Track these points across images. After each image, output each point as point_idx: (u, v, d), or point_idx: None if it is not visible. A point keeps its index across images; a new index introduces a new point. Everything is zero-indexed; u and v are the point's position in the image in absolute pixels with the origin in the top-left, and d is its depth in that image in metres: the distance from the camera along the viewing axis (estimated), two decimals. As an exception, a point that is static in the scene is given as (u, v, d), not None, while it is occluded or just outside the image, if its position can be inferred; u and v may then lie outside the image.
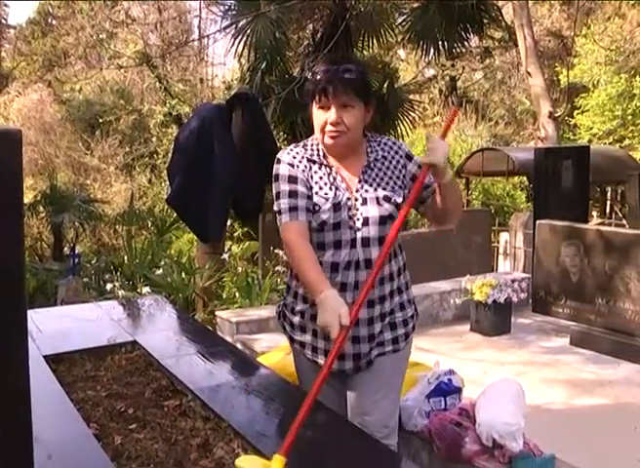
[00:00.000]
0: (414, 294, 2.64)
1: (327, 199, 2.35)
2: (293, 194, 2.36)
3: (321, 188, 2.38)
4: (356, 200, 2.36)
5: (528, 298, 6.06)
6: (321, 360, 2.49)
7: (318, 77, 2.35)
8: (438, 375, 3.41)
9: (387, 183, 2.39)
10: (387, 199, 2.36)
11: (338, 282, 2.35)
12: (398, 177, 2.42)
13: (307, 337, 2.53)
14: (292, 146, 2.51)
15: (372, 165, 2.41)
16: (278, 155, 2.47)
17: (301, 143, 2.51)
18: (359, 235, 2.34)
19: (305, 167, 2.41)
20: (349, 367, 2.48)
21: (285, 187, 2.38)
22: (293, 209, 2.35)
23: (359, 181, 2.39)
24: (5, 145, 1.28)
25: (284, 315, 2.65)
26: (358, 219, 2.35)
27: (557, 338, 5.65)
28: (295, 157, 2.43)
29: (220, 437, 2.19)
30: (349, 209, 2.35)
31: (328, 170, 2.41)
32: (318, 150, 2.45)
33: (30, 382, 1.38)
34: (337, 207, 2.34)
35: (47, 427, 2.07)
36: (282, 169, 2.41)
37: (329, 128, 2.33)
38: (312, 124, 2.43)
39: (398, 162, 2.43)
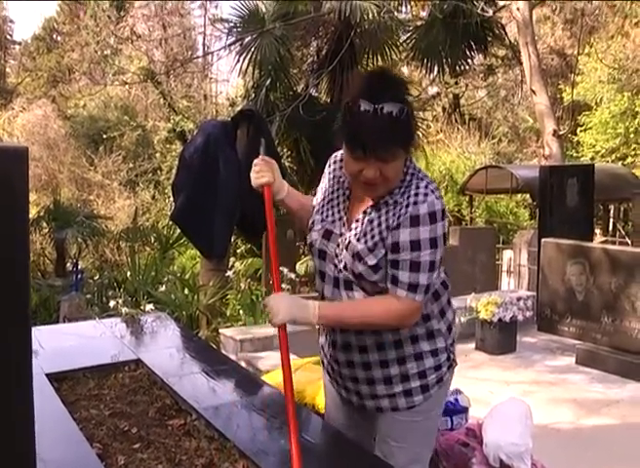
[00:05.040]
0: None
1: (323, 219, 2.20)
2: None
3: (329, 203, 2.23)
4: (345, 240, 2.11)
5: (533, 317, 6.03)
6: (326, 376, 2.45)
7: (353, 119, 1.92)
8: (444, 395, 3.37)
9: (372, 237, 2.05)
10: (360, 258, 2.05)
11: None
12: (386, 236, 2.04)
13: (321, 353, 2.43)
14: None
15: (378, 206, 2.07)
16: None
17: None
18: (341, 276, 2.13)
19: (336, 175, 2.27)
20: (355, 400, 2.33)
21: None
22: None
23: (356, 221, 2.11)
24: (12, 162, 1.27)
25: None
26: (340, 262, 2.12)
27: (563, 357, 5.62)
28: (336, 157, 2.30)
29: (225, 457, 2.16)
30: (337, 245, 2.14)
31: (347, 193, 2.20)
32: None
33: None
34: (326, 234, 2.17)
35: (50, 446, 2.04)
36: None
37: (364, 180, 1.99)
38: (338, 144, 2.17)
39: (399, 218, 2.00)
